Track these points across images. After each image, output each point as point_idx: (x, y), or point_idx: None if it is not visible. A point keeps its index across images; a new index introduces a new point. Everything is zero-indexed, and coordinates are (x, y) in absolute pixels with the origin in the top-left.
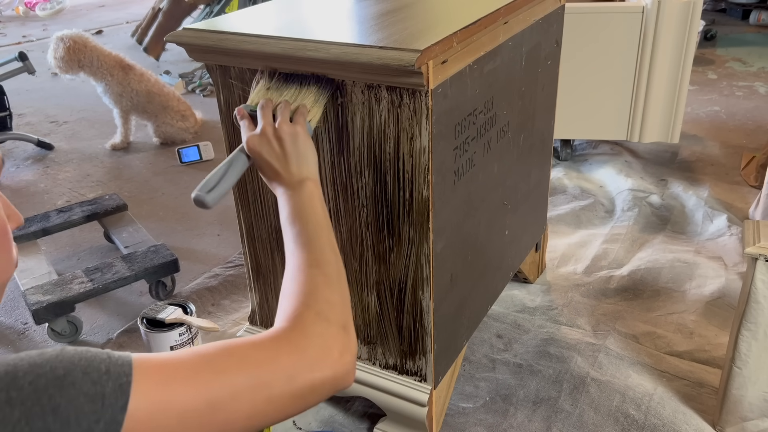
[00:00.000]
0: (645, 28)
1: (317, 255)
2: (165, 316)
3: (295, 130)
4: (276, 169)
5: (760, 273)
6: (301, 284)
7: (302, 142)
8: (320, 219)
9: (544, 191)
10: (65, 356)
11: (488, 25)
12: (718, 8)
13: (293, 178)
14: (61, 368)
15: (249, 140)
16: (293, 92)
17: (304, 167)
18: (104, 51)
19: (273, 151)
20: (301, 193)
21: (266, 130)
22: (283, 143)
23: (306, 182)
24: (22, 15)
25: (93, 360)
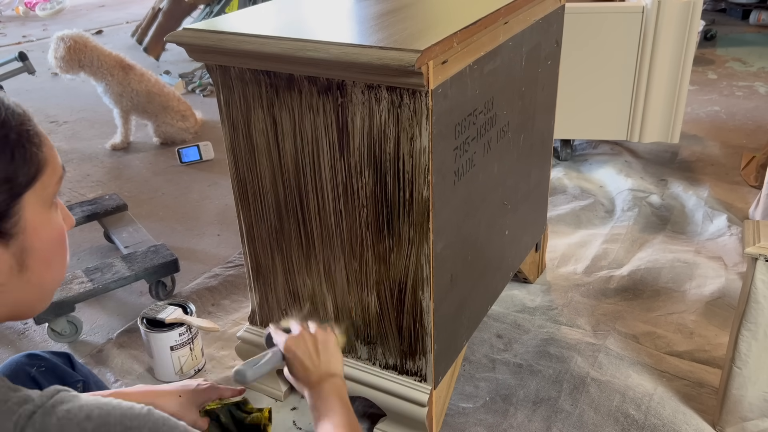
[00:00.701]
0: (645, 28)
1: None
2: (165, 316)
3: (328, 335)
4: (307, 367)
5: (760, 273)
6: None
7: (333, 345)
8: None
9: (544, 191)
10: (152, 418)
11: (488, 25)
12: (718, 8)
13: (322, 375)
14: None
15: (287, 341)
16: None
17: (333, 366)
18: (104, 51)
19: (307, 350)
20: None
21: (303, 333)
22: (317, 345)
23: (334, 377)
24: (22, 15)
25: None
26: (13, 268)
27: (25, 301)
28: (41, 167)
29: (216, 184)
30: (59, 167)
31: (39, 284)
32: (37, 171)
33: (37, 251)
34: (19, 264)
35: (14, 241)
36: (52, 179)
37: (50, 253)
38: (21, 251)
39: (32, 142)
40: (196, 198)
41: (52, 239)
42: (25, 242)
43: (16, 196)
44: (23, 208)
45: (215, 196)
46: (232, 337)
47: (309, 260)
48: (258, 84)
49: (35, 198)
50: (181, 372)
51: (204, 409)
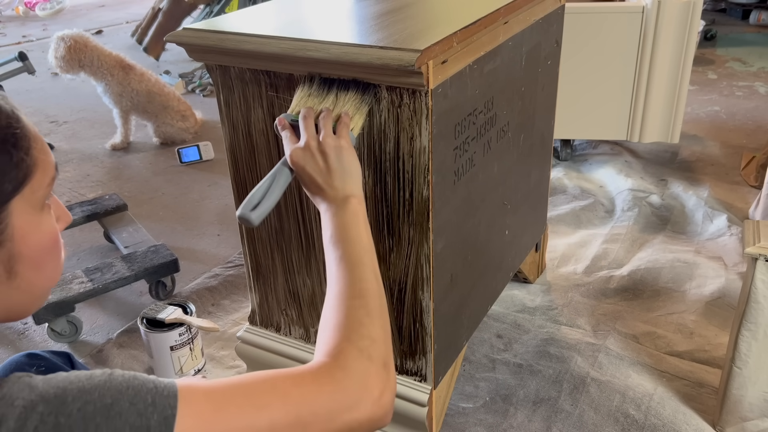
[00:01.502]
0: (645, 28)
1: (360, 284)
2: (165, 316)
3: (340, 143)
4: (320, 184)
5: (760, 273)
6: (344, 316)
7: (347, 156)
8: (364, 242)
9: (544, 191)
10: (113, 383)
11: (488, 25)
12: (718, 8)
13: (338, 194)
14: (108, 396)
15: (292, 153)
16: (333, 98)
17: (348, 183)
18: (105, 51)
19: (317, 166)
20: (346, 212)
21: (310, 144)
22: (328, 158)
23: (350, 199)
24: (22, 15)
25: (140, 390)
26: (1, 275)
27: (16, 306)
28: (29, 172)
29: (216, 184)
30: (51, 169)
31: (29, 289)
32: (25, 176)
33: (27, 257)
34: (7, 271)
35: (2, 249)
36: (43, 182)
37: (41, 258)
38: (9, 258)
39: (19, 146)
40: (196, 198)
41: (42, 244)
42: (12, 249)
43: (2, 203)
44: (10, 215)
45: (215, 196)
46: (232, 337)
47: (309, 260)
48: (258, 84)
49: (23, 203)
50: (181, 372)
51: None
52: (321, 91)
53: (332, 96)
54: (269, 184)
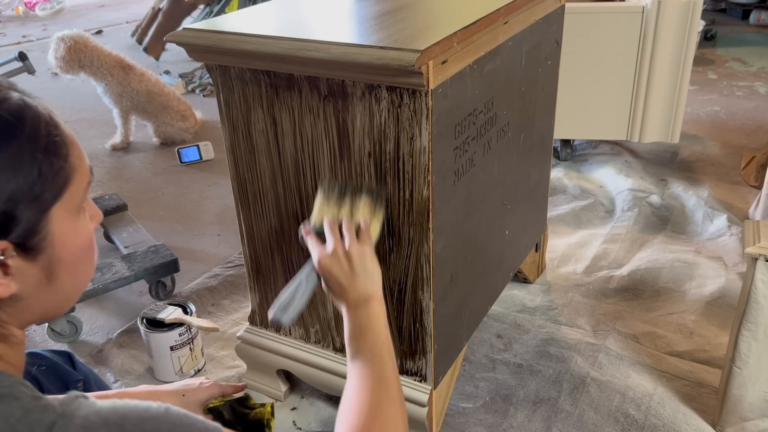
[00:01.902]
0: (645, 28)
1: (381, 371)
2: (165, 316)
3: (363, 249)
4: (344, 286)
5: (760, 273)
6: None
7: (369, 261)
8: (383, 338)
9: (544, 191)
10: (169, 418)
11: (488, 25)
12: (718, 8)
13: (360, 296)
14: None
15: (321, 260)
16: (349, 205)
17: (370, 285)
18: (105, 51)
19: (342, 270)
20: (368, 311)
21: (337, 250)
22: (353, 262)
23: (372, 300)
24: (22, 15)
25: (191, 428)
26: (42, 280)
27: (52, 307)
28: (69, 178)
29: (216, 184)
30: (87, 173)
31: (66, 292)
32: (65, 183)
33: (66, 262)
34: (48, 276)
35: (42, 256)
36: (80, 187)
37: (78, 261)
38: (49, 264)
39: (59, 153)
40: (196, 198)
41: (79, 247)
42: (53, 255)
43: (43, 212)
44: (51, 222)
45: (215, 196)
46: (232, 337)
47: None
48: (258, 84)
49: (62, 210)
50: (181, 372)
51: (207, 406)
52: (338, 199)
53: (348, 202)
54: (296, 287)
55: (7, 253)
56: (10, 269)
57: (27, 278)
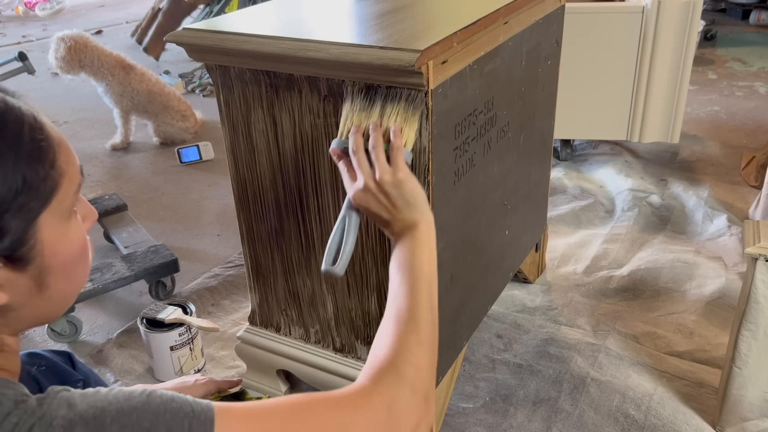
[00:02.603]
0: (645, 28)
1: (415, 311)
2: (165, 316)
3: (397, 177)
4: (386, 219)
5: (760, 273)
6: (394, 338)
7: (407, 187)
8: (425, 270)
9: (544, 191)
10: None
11: (488, 25)
12: (718, 8)
13: (405, 224)
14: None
15: (354, 197)
16: (379, 109)
17: (414, 212)
18: (105, 51)
19: (380, 204)
20: (412, 239)
21: (369, 186)
22: (389, 195)
23: (418, 226)
24: (22, 15)
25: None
26: (33, 289)
27: (45, 314)
28: (56, 184)
29: (216, 184)
30: (77, 175)
31: (59, 298)
32: (52, 190)
33: (57, 268)
34: (38, 284)
35: (31, 266)
36: (69, 191)
37: (70, 267)
38: (39, 272)
39: (45, 159)
40: (196, 198)
41: (71, 253)
42: (43, 263)
43: (30, 221)
44: (39, 230)
45: (215, 196)
46: (232, 337)
47: (309, 260)
48: (258, 84)
49: (51, 216)
50: (180, 372)
51: None
52: (366, 104)
53: (378, 107)
54: (342, 231)
55: None
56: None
57: (17, 288)
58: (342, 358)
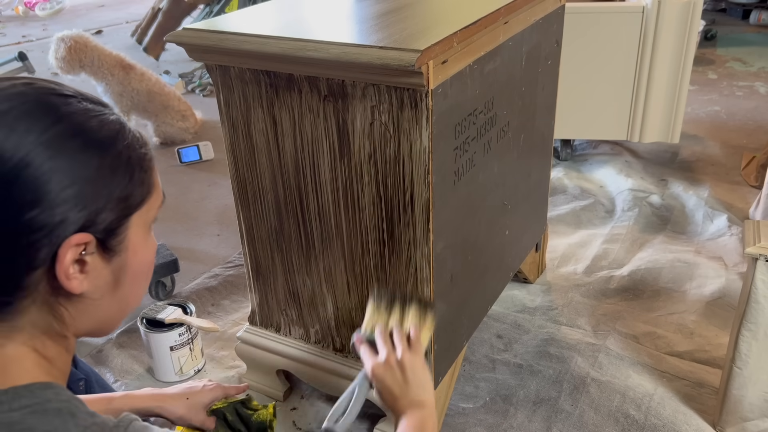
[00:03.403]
0: (645, 28)
1: None
2: (165, 316)
3: (415, 359)
4: (396, 395)
5: (761, 273)
6: None
7: (421, 371)
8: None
9: (544, 191)
10: None
11: (488, 25)
12: (718, 8)
13: (411, 404)
14: None
15: (374, 369)
16: (399, 312)
17: (422, 393)
18: (105, 51)
19: (395, 379)
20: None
21: (390, 360)
22: (405, 372)
23: (425, 406)
24: (22, 15)
25: None
26: (110, 284)
27: (110, 318)
28: (150, 191)
29: (216, 184)
30: (161, 194)
31: (123, 303)
32: (147, 194)
33: (132, 271)
34: (115, 281)
35: (116, 259)
36: (156, 204)
37: (142, 274)
38: (120, 269)
39: (146, 167)
40: (196, 198)
41: (146, 261)
42: (125, 261)
43: (127, 216)
44: (129, 228)
45: (215, 196)
46: (232, 337)
47: (309, 261)
48: (258, 84)
49: (140, 220)
50: (180, 372)
51: (211, 408)
52: (388, 307)
53: (398, 310)
54: (350, 397)
55: (89, 248)
56: (86, 266)
57: (98, 279)
58: (342, 358)
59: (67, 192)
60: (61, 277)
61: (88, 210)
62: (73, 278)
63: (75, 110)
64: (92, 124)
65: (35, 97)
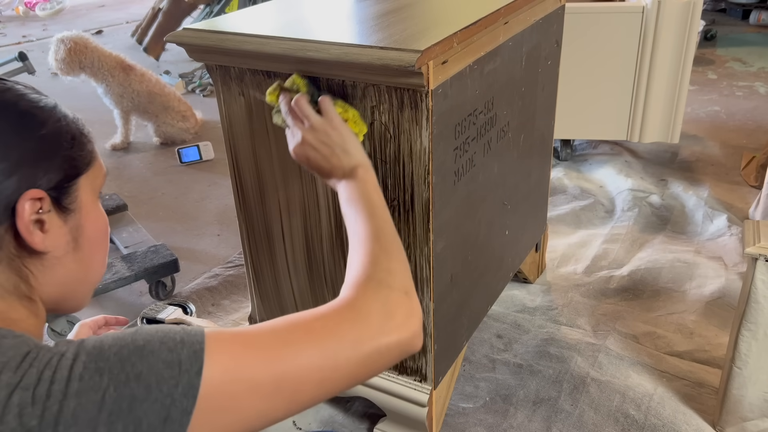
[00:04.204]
0: (645, 28)
1: (375, 230)
2: (165, 316)
3: (328, 126)
4: (327, 168)
5: (760, 273)
6: (362, 255)
7: (338, 135)
8: (375, 200)
9: (544, 191)
10: (144, 330)
11: (488, 25)
12: (718, 8)
13: (345, 170)
14: (141, 339)
15: (294, 151)
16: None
17: (352, 158)
18: (105, 52)
19: (319, 154)
20: (356, 180)
21: (306, 138)
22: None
23: (357, 169)
24: (22, 15)
25: (169, 332)
26: (69, 243)
27: (74, 281)
28: (93, 158)
29: (216, 184)
30: (103, 168)
31: (87, 266)
32: (91, 160)
33: (88, 233)
34: (74, 240)
35: (71, 218)
36: (100, 173)
37: (98, 240)
38: (76, 229)
39: (87, 137)
40: (196, 198)
41: (99, 227)
42: (80, 221)
43: (75, 177)
44: (79, 189)
45: (215, 196)
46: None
47: (309, 260)
48: (258, 84)
49: (87, 184)
50: None
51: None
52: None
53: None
54: None
55: (45, 206)
56: (45, 225)
57: (58, 238)
58: None
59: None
60: (23, 231)
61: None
62: (35, 234)
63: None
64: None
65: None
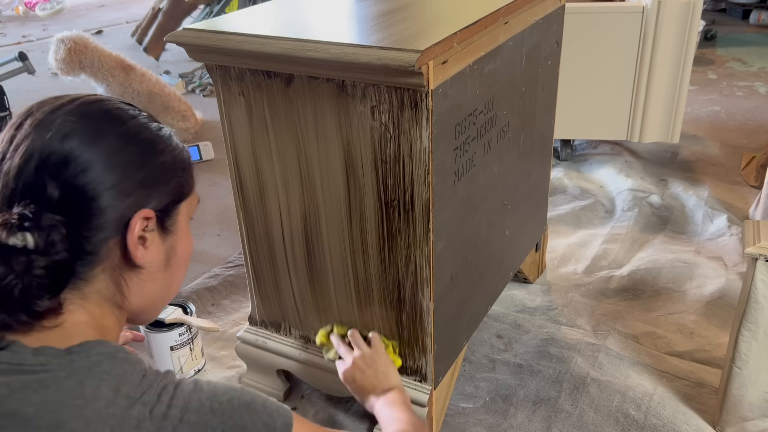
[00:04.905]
0: (645, 28)
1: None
2: (165, 316)
3: (375, 355)
4: (368, 389)
5: (760, 273)
6: None
7: (383, 363)
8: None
9: (544, 191)
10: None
11: (488, 25)
12: (718, 8)
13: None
14: (247, 396)
15: (345, 375)
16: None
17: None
18: (105, 52)
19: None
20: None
21: (356, 362)
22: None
23: (394, 389)
24: (22, 15)
25: (267, 399)
26: (162, 261)
27: (156, 298)
28: (193, 186)
29: (216, 184)
30: (197, 195)
31: (170, 283)
32: (191, 188)
33: (178, 255)
34: (167, 259)
35: (169, 238)
36: (195, 200)
37: (183, 262)
38: (170, 249)
39: (190, 167)
40: None
41: (188, 250)
42: (174, 242)
43: (178, 202)
44: (180, 213)
45: (215, 196)
46: (232, 337)
47: (309, 260)
48: (258, 84)
49: (186, 209)
50: (181, 372)
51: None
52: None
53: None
54: None
55: (150, 225)
56: (147, 242)
57: (155, 255)
58: None
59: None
60: (130, 246)
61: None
62: (138, 249)
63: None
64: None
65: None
